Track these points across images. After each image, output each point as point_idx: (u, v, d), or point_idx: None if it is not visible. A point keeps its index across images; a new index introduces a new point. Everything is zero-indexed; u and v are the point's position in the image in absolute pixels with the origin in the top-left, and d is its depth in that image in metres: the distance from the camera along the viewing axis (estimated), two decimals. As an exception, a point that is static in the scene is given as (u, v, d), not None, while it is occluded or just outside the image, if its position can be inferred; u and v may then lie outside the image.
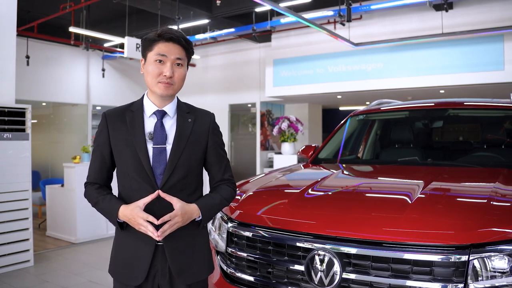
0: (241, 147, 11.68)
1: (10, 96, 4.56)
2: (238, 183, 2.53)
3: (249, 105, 11.38)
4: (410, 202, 1.92)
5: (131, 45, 7.72)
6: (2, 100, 4.48)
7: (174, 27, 6.24)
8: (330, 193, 2.28)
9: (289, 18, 7.64)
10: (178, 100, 1.74)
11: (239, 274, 2.03)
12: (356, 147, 3.85)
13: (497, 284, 1.56)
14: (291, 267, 1.85)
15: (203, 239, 1.74)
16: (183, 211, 1.57)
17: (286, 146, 7.00)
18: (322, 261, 1.74)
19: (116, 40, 8.86)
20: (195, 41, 9.53)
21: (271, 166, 9.64)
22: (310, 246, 1.80)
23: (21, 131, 4.57)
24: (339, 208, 2.04)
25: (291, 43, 9.90)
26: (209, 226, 2.36)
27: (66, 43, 9.48)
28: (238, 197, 2.30)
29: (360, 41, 7.91)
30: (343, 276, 1.70)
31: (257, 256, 1.97)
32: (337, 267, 1.71)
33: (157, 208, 1.59)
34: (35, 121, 10.05)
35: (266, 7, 7.55)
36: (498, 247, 1.58)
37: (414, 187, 2.17)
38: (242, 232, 2.05)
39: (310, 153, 3.46)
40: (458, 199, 2.09)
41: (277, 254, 1.92)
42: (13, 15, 4.62)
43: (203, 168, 1.77)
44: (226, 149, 1.83)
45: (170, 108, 1.68)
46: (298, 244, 1.84)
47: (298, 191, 2.27)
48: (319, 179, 2.50)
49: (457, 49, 7.50)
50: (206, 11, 8.54)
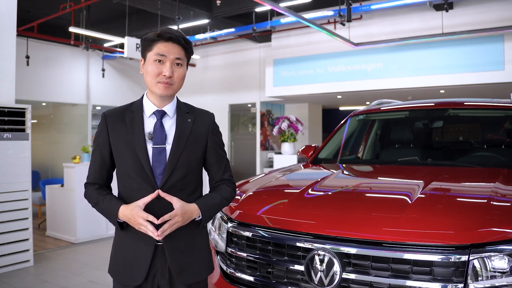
0: (241, 147, 11.67)
1: (10, 96, 4.56)
2: (238, 183, 2.53)
3: (249, 105, 11.38)
4: (410, 202, 1.92)
5: (131, 45, 7.72)
6: (2, 100, 4.48)
7: (174, 27, 6.23)
8: (330, 193, 2.28)
9: (289, 18, 7.64)
10: (177, 100, 1.74)
11: (239, 274, 2.03)
12: (356, 147, 3.85)
13: (497, 284, 1.56)
14: (291, 267, 1.85)
15: (203, 239, 1.74)
16: (183, 210, 1.57)
17: (286, 146, 7.00)
18: (322, 261, 1.74)
19: (116, 40, 8.86)
20: (195, 41, 9.53)
21: (271, 166, 9.64)
22: (310, 246, 1.80)
23: (21, 131, 4.57)
24: (339, 208, 2.04)
25: (291, 43, 9.89)
26: (209, 226, 2.35)
27: (66, 43, 9.48)
28: (238, 197, 2.30)
29: (360, 41, 7.91)
30: (343, 276, 1.70)
31: (257, 256, 1.97)
32: (337, 267, 1.71)
33: (157, 207, 1.58)
34: (35, 121, 10.05)
35: (266, 7, 7.55)
36: (498, 247, 1.58)
37: (414, 187, 2.17)
38: (242, 232, 2.04)
39: (310, 153, 3.46)
40: (458, 199, 2.09)
41: (277, 254, 1.92)
42: (13, 15, 4.62)
43: (203, 168, 1.77)
44: (226, 149, 1.83)
45: (170, 108, 1.68)
46: (298, 244, 1.83)
47: (298, 191, 2.26)
48: (319, 179, 2.50)
49: (457, 49, 7.49)
50: (206, 11, 8.54)
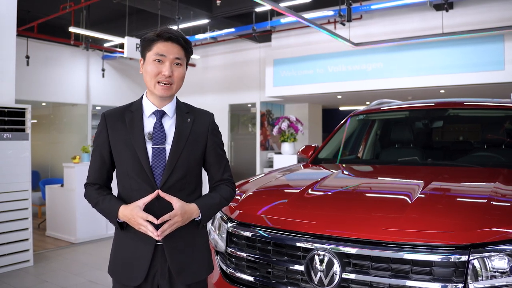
0: (241, 147, 11.67)
1: (10, 96, 4.56)
2: (237, 183, 2.53)
3: (249, 105, 11.38)
4: (410, 202, 1.91)
5: (131, 45, 7.71)
6: (2, 100, 4.48)
7: (174, 27, 6.23)
8: (330, 193, 2.28)
9: (289, 18, 7.64)
10: (177, 100, 1.74)
11: (238, 274, 2.02)
12: (356, 147, 3.85)
13: (497, 284, 1.55)
14: (290, 267, 1.85)
15: (202, 239, 1.74)
16: (182, 210, 1.57)
17: (286, 146, 6.99)
18: (321, 261, 1.74)
19: (116, 40, 8.86)
20: (195, 41, 9.53)
21: (271, 166, 9.64)
22: (309, 246, 1.80)
23: (21, 131, 4.57)
24: (339, 208, 2.04)
25: (291, 43, 9.89)
26: (209, 226, 2.35)
27: (66, 43, 9.47)
28: (238, 197, 2.30)
29: (360, 41, 7.91)
30: (342, 276, 1.70)
31: (256, 256, 1.96)
32: (336, 267, 1.71)
33: (157, 207, 1.58)
34: (35, 121, 10.04)
35: (266, 7, 7.54)
36: (498, 247, 1.57)
37: (414, 187, 2.17)
38: (241, 232, 2.04)
39: (310, 153, 3.46)
40: (458, 199, 2.09)
41: (276, 254, 1.92)
42: (13, 15, 4.62)
43: (203, 168, 1.77)
44: (226, 149, 1.83)
45: (169, 108, 1.68)
46: (298, 244, 1.83)
47: (298, 191, 2.26)
48: (319, 179, 2.49)
49: (457, 49, 7.49)
50: (206, 11, 8.54)
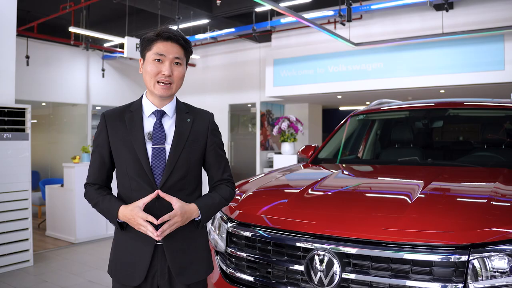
0: (241, 147, 11.67)
1: (10, 96, 4.56)
2: (237, 183, 2.53)
3: (249, 105, 11.38)
4: (410, 202, 1.91)
5: (131, 45, 7.71)
6: (2, 100, 4.48)
7: (174, 27, 6.23)
8: (330, 193, 2.28)
9: (289, 18, 7.64)
10: (177, 100, 1.74)
11: (238, 274, 2.02)
12: (356, 147, 3.85)
13: (496, 284, 1.55)
14: (290, 267, 1.85)
15: (202, 239, 1.74)
16: (182, 210, 1.57)
17: (286, 146, 6.99)
18: (321, 261, 1.74)
19: (116, 40, 8.85)
20: (195, 41, 9.53)
21: (271, 166, 9.64)
22: (309, 246, 1.79)
23: (20, 131, 4.57)
24: (338, 208, 2.03)
25: (291, 43, 9.89)
26: (209, 226, 2.35)
27: (66, 43, 9.48)
28: (238, 197, 2.30)
29: (361, 41, 7.90)
30: (342, 276, 1.70)
31: (256, 256, 1.96)
32: (336, 267, 1.70)
33: (157, 208, 1.58)
34: (35, 121, 10.05)
35: (266, 7, 7.54)
36: (498, 247, 1.57)
37: (414, 187, 2.17)
38: (241, 232, 2.04)
39: (310, 153, 3.46)
40: (458, 199, 2.08)
41: (276, 254, 1.92)
42: (13, 15, 4.62)
43: (202, 168, 1.77)
44: (226, 149, 1.82)
45: (169, 108, 1.68)
46: (298, 244, 1.83)
47: (298, 191, 2.26)
48: (319, 179, 2.49)
49: (457, 49, 7.49)
50: (206, 11, 8.54)
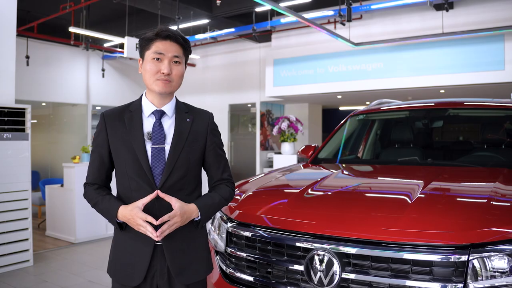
0: (240, 147, 11.67)
1: (10, 96, 4.56)
2: (237, 183, 2.53)
3: (249, 105, 11.38)
4: (410, 202, 1.91)
5: (131, 45, 7.71)
6: (2, 100, 4.48)
7: (174, 27, 6.23)
8: (329, 193, 2.28)
9: (289, 18, 7.63)
10: (176, 99, 1.74)
11: (238, 274, 2.02)
12: (356, 147, 3.85)
13: (496, 284, 1.55)
14: (290, 267, 1.84)
15: (202, 239, 1.74)
16: (182, 211, 1.57)
17: (286, 146, 6.99)
18: (321, 261, 1.73)
19: (116, 40, 8.86)
20: (195, 41, 9.53)
21: (271, 166, 9.64)
22: (309, 246, 1.79)
23: (20, 131, 4.56)
24: (338, 208, 2.03)
25: (291, 43, 9.89)
26: (209, 226, 2.35)
27: (66, 43, 9.48)
28: (238, 197, 2.30)
29: (361, 41, 7.90)
30: (342, 276, 1.70)
31: (256, 256, 1.96)
32: (336, 267, 1.70)
33: (156, 208, 1.58)
34: (35, 121, 10.05)
35: (266, 7, 7.54)
36: (498, 247, 1.57)
37: (414, 187, 2.17)
38: (241, 232, 2.04)
39: (310, 153, 3.46)
40: (458, 199, 2.08)
41: (276, 254, 1.91)
42: (13, 15, 4.62)
43: (202, 167, 1.77)
44: (225, 149, 1.82)
45: (169, 108, 1.68)
46: (298, 244, 1.83)
47: (298, 191, 2.26)
48: (319, 179, 2.49)
49: (457, 49, 7.49)
50: (206, 11, 8.53)
